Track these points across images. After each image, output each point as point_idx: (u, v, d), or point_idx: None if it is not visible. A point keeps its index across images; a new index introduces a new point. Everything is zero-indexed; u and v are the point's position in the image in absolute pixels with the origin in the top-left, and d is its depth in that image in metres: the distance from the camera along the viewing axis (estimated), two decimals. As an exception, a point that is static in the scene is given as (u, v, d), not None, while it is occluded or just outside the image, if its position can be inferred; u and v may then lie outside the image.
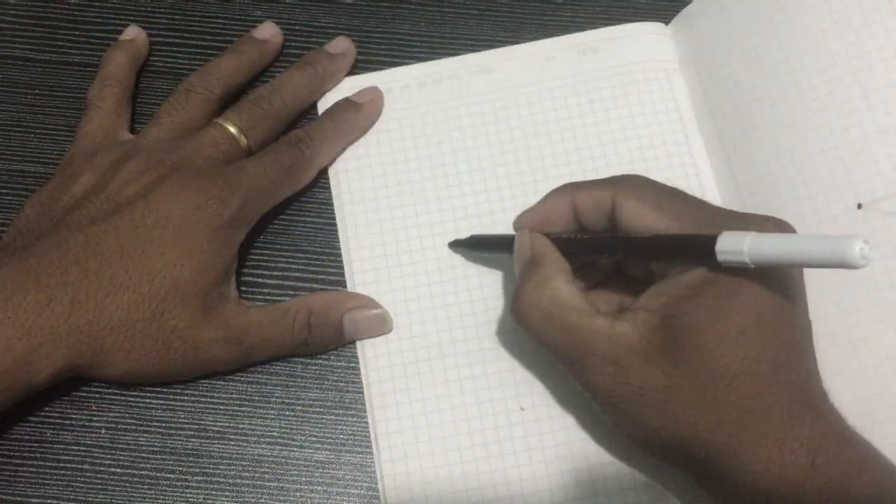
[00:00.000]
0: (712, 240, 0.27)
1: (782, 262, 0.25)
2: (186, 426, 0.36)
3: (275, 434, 0.36)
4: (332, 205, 0.39)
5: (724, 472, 0.28)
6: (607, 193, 0.31)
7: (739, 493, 0.28)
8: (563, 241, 0.32)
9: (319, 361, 0.37)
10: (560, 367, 0.32)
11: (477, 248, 0.37)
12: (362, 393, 0.36)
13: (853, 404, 0.30)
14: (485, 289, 0.38)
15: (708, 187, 0.39)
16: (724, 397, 0.27)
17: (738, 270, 0.27)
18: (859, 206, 0.34)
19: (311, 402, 0.36)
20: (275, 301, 0.38)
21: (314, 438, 0.36)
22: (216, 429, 0.36)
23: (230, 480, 0.35)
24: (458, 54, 0.42)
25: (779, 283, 0.28)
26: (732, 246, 0.26)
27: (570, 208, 0.33)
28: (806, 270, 0.30)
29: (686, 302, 0.28)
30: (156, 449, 0.36)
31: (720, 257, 0.26)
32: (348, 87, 0.41)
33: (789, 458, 0.27)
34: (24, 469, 0.35)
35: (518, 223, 0.34)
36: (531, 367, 0.36)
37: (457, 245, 0.38)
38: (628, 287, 0.33)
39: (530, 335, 0.31)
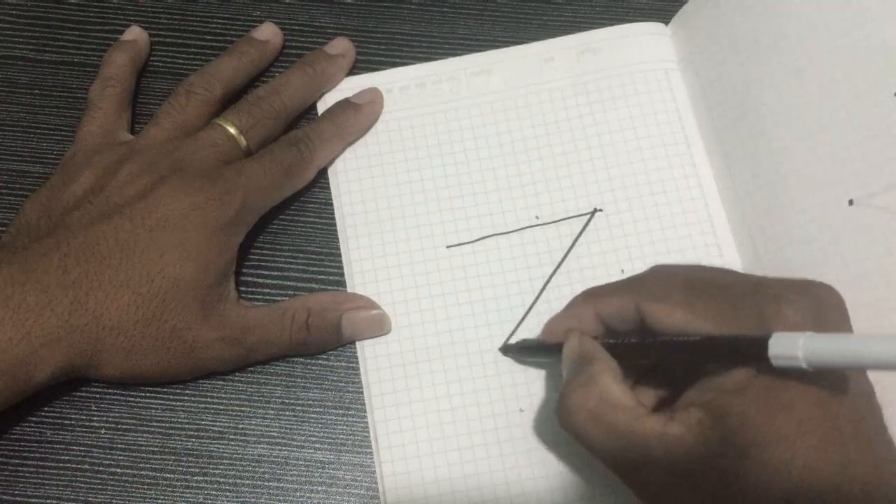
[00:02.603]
0: (763, 342, 0.25)
1: (842, 366, 0.24)
2: (186, 426, 0.36)
3: (275, 434, 0.36)
4: (331, 205, 0.40)
5: None
6: (629, 300, 0.30)
7: None
8: (609, 346, 0.31)
9: (319, 361, 0.37)
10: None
11: (527, 353, 0.36)
12: (362, 393, 0.36)
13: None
14: (485, 289, 0.38)
15: (707, 186, 0.39)
16: (793, 494, 0.25)
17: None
18: (850, 202, 0.34)
19: (311, 402, 0.36)
20: (274, 301, 0.38)
21: (314, 438, 0.36)
22: (216, 429, 0.36)
23: (230, 480, 0.35)
24: (457, 55, 0.42)
25: (838, 375, 0.26)
26: (786, 350, 0.25)
27: (595, 319, 0.32)
28: None
29: (737, 397, 0.27)
30: (156, 449, 0.36)
31: (775, 363, 0.25)
32: (348, 87, 0.41)
33: None
34: (24, 469, 0.35)
35: (547, 331, 0.34)
36: (531, 367, 0.36)
37: (507, 350, 0.37)
38: (668, 380, 0.32)
39: (576, 440, 0.30)
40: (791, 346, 0.25)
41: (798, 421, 0.26)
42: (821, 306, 0.28)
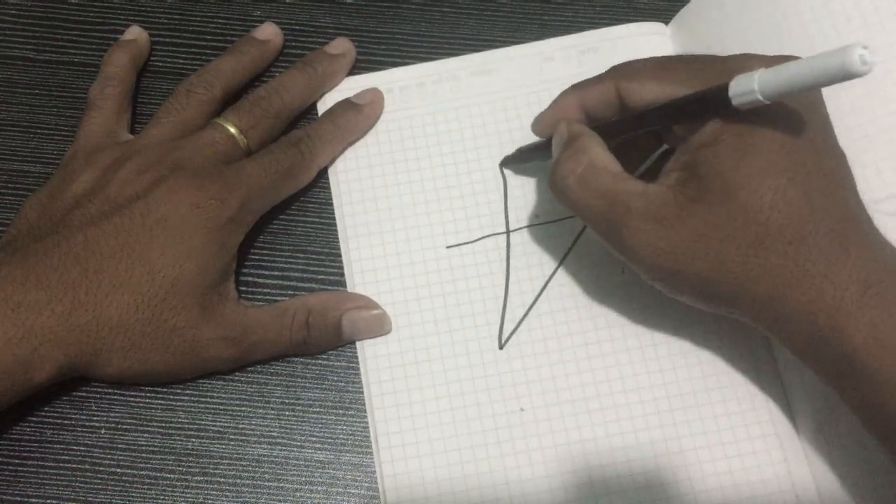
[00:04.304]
0: (724, 89, 0.27)
1: (793, 89, 0.25)
2: (186, 426, 0.36)
3: (275, 434, 0.36)
4: (331, 205, 0.40)
5: (777, 308, 0.28)
6: (609, 84, 0.32)
7: (794, 329, 0.28)
8: (594, 129, 0.33)
9: (319, 361, 0.37)
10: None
11: (525, 157, 0.38)
12: (362, 393, 0.36)
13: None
14: (485, 289, 0.38)
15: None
16: (764, 231, 0.27)
17: (753, 112, 0.27)
18: None
19: (311, 402, 0.36)
20: (274, 301, 0.38)
21: (314, 438, 0.36)
22: (216, 429, 0.36)
23: (230, 480, 0.35)
24: (457, 55, 0.42)
25: (796, 114, 0.28)
26: (744, 87, 0.26)
27: (579, 108, 0.34)
28: None
29: (708, 149, 0.28)
30: (156, 449, 0.36)
31: (735, 101, 0.27)
32: (348, 87, 0.41)
33: (837, 292, 0.27)
34: (24, 469, 0.35)
35: (537, 129, 0.36)
36: (531, 367, 0.36)
37: (506, 162, 0.39)
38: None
39: (566, 204, 0.32)
40: (748, 82, 0.26)
41: (765, 162, 0.27)
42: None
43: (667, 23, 0.42)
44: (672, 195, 0.29)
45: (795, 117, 0.28)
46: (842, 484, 0.33)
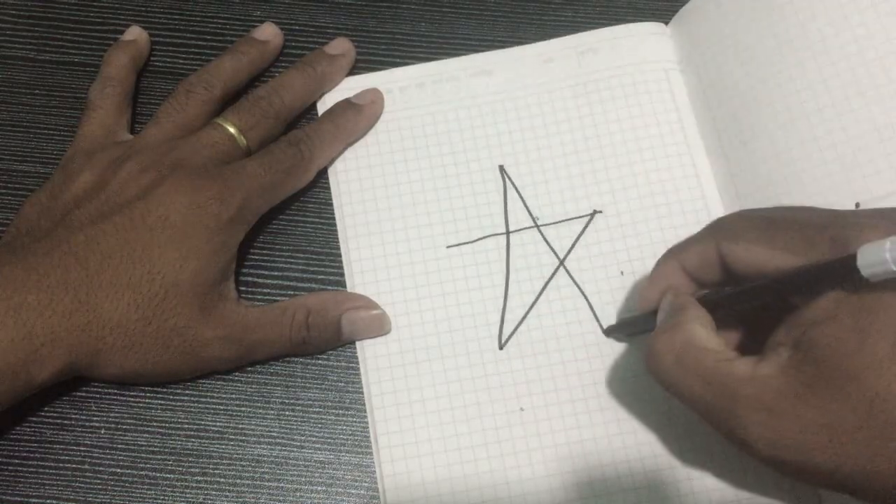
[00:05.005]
0: (848, 259, 0.24)
1: None
2: (186, 426, 0.36)
3: (275, 434, 0.36)
4: (331, 205, 0.40)
5: None
6: (710, 246, 0.30)
7: None
8: (700, 299, 0.31)
9: (319, 361, 0.37)
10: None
11: (629, 328, 0.36)
12: (362, 393, 0.36)
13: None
14: (484, 289, 0.38)
15: (707, 187, 0.39)
16: (893, 421, 0.25)
17: (873, 285, 0.24)
18: (857, 205, 0.34)
19: (311, 402, 0.36)
20: (274, 301, 0.38)
21: (314, 438, 0.36)
22: (216, 429, 0.36)
23: (230, 480, 0.35)
24: (457, 55, 0.42)
25: None
26: (874, 257, 0.24)
27: (681, 273, 0.32)
28: None
29: (825, 328, 0.26)
30: (156, 449, 0.36)
31: (865, 272, 0.24)
32: (348, 87, 0.41)
33: None
34: (24, 469, 0.35)
35: (641, 300, 0.33)
36: (531, 367, 0.36)
37: (610, 332, 0.37)
38: (750, 324, 0.31)
39: (664, 385, 0.29)
40: (879, 252, 0.23)
41: (892, 344, 0.25)
42: None
43: (667, 23, 0.42)
44: (786, 381, 0.26)
45: None
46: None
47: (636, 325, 0.35)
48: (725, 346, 0.29)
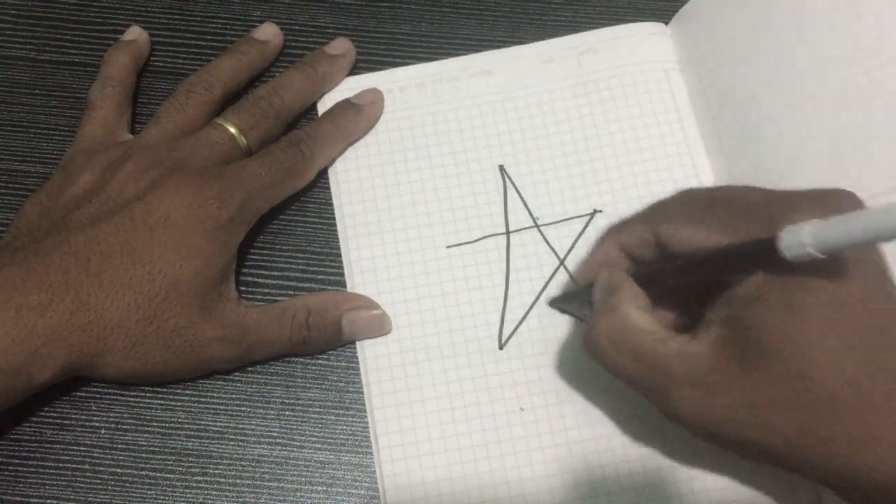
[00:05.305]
0: (772, 240, 0.25)
1: (853, 244, 0.23)
2: (186, 426, 0.36)
3: (275, 434, 0.36)
4: (331, 205, 0.40)
5: (834, 470, 0.26)
6: (647, 227, 0.31)
7: (849, 485, 0.27)
8: (635, 277, 0.31)
9: (319, 361, 0.37)
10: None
11: (567, 300, 0.37)
12: (362, 393, 0.36)
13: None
14: (484, 289, 0.38)
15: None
16: (817, 397, 0.25)
17: (800, 266, 0.25)
18: None
19: (311, 402, 0.36)
20: (274, 301, 0.38)
21: (314, 438, 0.36)
22: (216, 429, 0.36)
23: (230, 480, 0.35)
24: (457, 55, 0.42)
25: (849, 265, 0.26)
26: (794, 239, 0.24)
27: (620, 252, 0.32)
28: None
29: (753, 307, 0.26)
30: (156, 449, 0.36)
31: (786, 253, 0.25)
32: (348, 87, 0.41)
33: None
34: (24, 469, 0.35)
35: (579, 274, 0.34)
36: (531, 367, 0.36)
37: (553, 303, 0.37)
38: (687, 302, 0.32)
39: (602, 365, 0.30)
40: (798, 234, 0.24)
41: (816, 323, 0.25)
42: (838, 211, 0.26)
43: (667, 23, 0.42)
44: (715, 358, 0.27)
45: (848, 269, 0.26)
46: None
47: (579, 297, 0.36)
48: (660, 325, 0.29)
